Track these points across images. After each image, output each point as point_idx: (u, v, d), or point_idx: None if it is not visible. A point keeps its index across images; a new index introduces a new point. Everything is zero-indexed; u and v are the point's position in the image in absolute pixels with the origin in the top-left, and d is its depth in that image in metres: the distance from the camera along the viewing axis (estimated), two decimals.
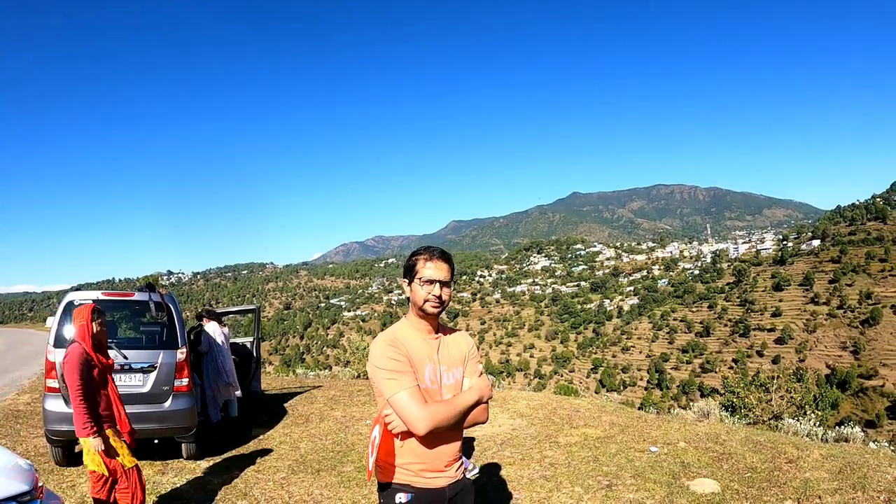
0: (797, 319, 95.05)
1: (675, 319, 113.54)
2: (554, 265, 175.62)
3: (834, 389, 68.44)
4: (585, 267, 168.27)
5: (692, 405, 8.22)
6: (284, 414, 8.03)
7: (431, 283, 2.00)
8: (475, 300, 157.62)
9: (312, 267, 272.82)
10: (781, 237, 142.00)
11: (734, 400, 9.46)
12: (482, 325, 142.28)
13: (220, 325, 7.26)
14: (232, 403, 7.28)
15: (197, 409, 5.77)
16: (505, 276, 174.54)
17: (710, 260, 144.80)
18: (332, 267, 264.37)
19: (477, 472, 5.14)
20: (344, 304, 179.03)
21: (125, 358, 5.27)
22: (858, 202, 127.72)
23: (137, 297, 5.57)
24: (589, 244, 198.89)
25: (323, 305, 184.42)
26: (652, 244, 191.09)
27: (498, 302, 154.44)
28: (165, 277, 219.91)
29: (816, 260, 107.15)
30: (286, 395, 9.62)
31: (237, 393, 7.20)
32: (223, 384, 6.98)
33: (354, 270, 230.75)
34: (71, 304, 5.47)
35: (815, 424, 6.95)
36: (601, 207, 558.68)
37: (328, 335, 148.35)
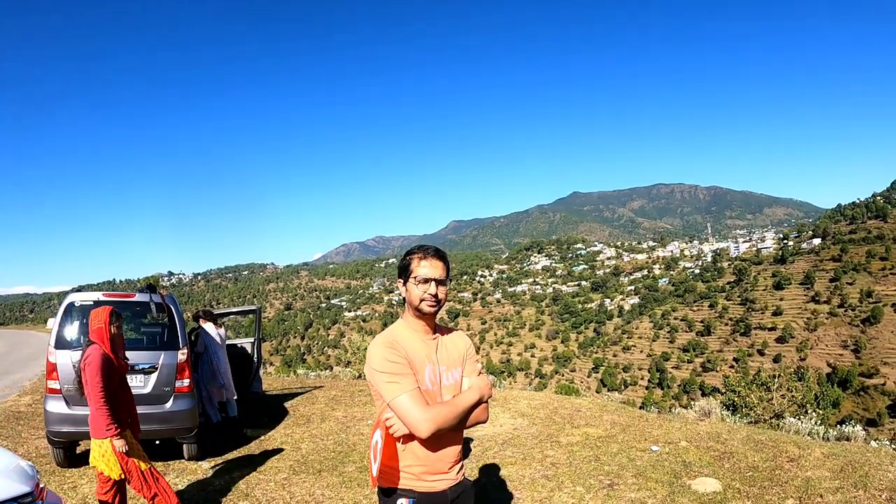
0: (798, 318, 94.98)
1: (675, 318, 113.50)
2: (554, 265, 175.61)
3: (835, 388, 68.36)
4: (586, 266, 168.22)
5: (693, 404, 8.22)
6: (286, 414, 8.03)
7: (427, 281, 1.97)
8: (476, 300, 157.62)
9: (313, 267, 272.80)
10: (782, 236, 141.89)
11: (735, 399, 9.45)
12: (483, 324, 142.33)
13: (216, 325, 7.23)
14: (231, 404, 7.27)
15: (198, 409, 5.78)
16: (505, 275, 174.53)
17: (710, 259, 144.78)
18: (332, 267, 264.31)
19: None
20: (345, 304, 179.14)
21: (125, 359, 5.27)
22: (859, 200, 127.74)
23: (138, 298, 5.58)
24: (589, 244, 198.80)
25: (324, 306, 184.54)
26: (652, 243, 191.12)
27: (499, 302, 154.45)
28: (166, 278, 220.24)
29: (817, 258, 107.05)
30: (287, 395, 9.61)
31: (233, 396, 7.18)
32: (217, 386, 6.97)
33: (355, 271, 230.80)
34: (72, 305, 5.47)
35: (816, 423, 6.95)
36: (602, 207, 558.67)
37: (329, 335, 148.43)
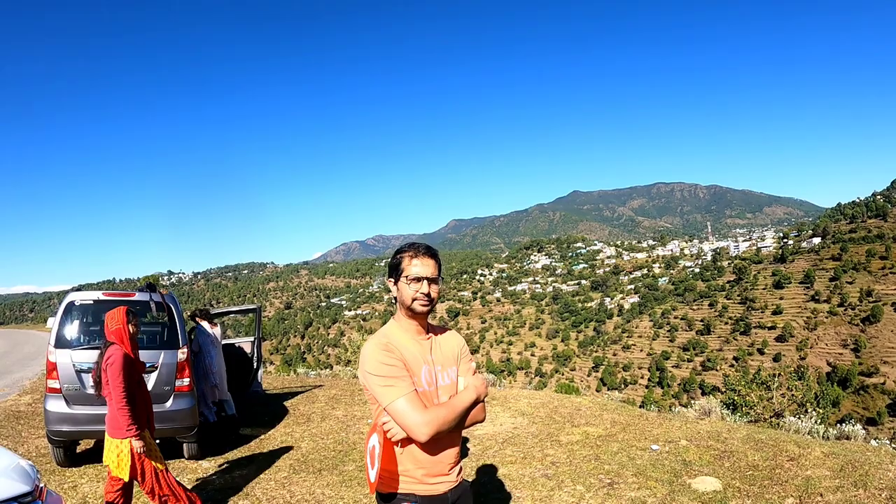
0: (798, 317, 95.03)
1: (675, 317, 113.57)
2: (554, 264, 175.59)
3: (835, 387, 68.48)
4: (586, 265, 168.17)
5: (693, 403, 8.22)
6: (286, 413, 8.03)
7: (419, 280, 1.92)
8: (476, 299, 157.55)
9: (313, 266, 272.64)
10: (782, 235, 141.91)
11: (735, 398, 9.44)
12: (483, 323, 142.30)
13: (210, 324, 7.18)
14: (228, 402, 7.26)
15: (198, 409, 5.78)
16: (505, 274, 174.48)
17: (710, 258, 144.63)
18: (332, 266, 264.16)
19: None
20: (345, 303, 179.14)
21: None
22: (859, 200, 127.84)
23: (138, 297, 5.57)
24: (589, 242, 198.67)
25: (324, 305, 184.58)
26: (652, 242, 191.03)
27: (499, 301, 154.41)
28: (166, 277, 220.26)
29: (817, 258, 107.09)
30: (287, 394, 9.61)
31: (225, 395, 7.14)
32: (209, 386, 6.94)
33: (355, 270, 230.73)
34: (72, 304, 5.47)
35: (816, 422, 6.95)
36: (601, 206, 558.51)
37: (329, 334, 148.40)
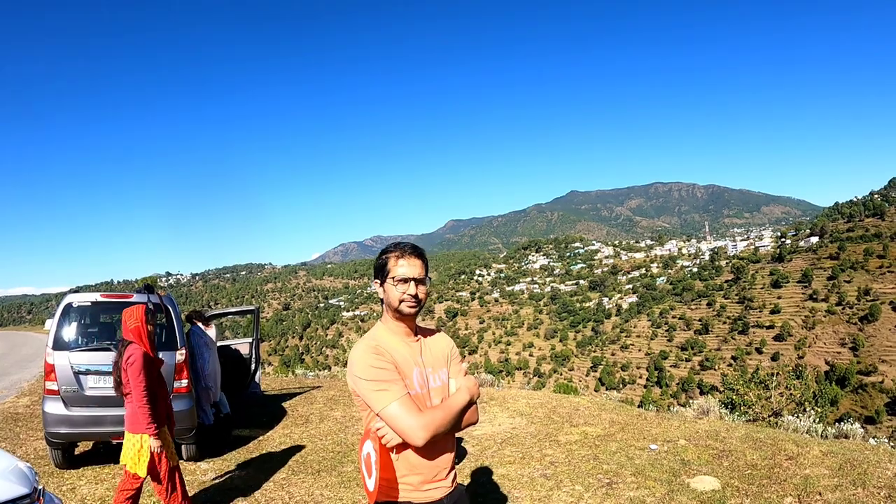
0: (796, 316, 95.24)
1: (673, 317, 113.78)
2: (552, 264, 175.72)
3: (833, 386, 68.64)
4: (584, 265, 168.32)
5: (692, 403, 8.23)
6: (284, 414, 8.02)
7: (405, 281, 1.88)
8: (474, 299, 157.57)
9: (311, 267, 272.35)
10: (780, 234, 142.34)
11: (733, 397, 9.45)
12: (481, 324, 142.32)
13: (205, 326, 7.10)
14: (222, 402, 7.25)
15: (195, 410, 5.77)
16: (503, 274, 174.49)
17: (708, 257, 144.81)
18: (330, 267, 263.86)
19: None
20: (343, 304, 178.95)
21: None
22: (856, 199, 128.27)
23: (136, 298, 5.56)
24: (587, 242, 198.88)
25: (322, 306, 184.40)
26: (650, 242, 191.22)
27: (497, 301, 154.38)
28: (164, 279, 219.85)
29: (815, 257, 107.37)
30: (285, 395, 9.60)
31: (216, 398, 7.11)
32: (201, 388, 6.91)
33: (353, 270, 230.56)
34: (70, 305, 5.46)
35: (814, 421, 6.96)
36: (599, 206, 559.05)
37: (327, 335, 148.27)
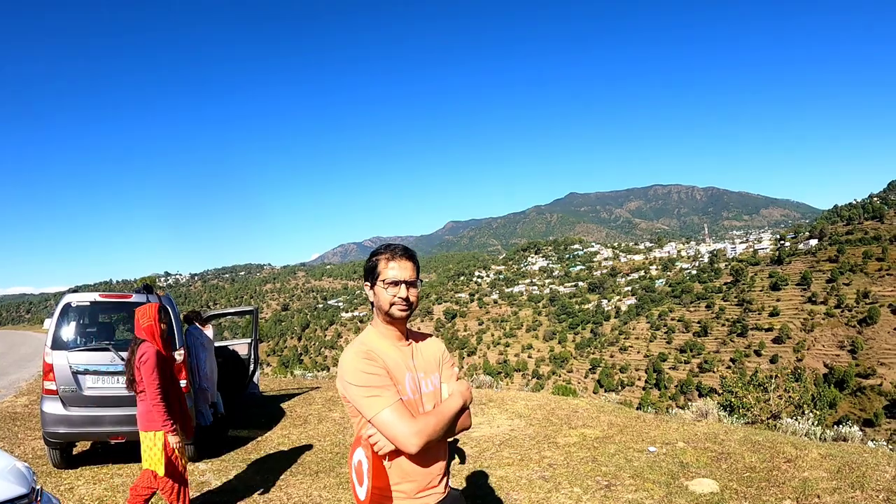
0: (795, 319, 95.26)
1: (672, 319, 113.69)
2: (552, 265, 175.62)
3: (832, 389, 68.66)
4: (583, 267, 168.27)
5: (690, 405, 8.23)
6: (282, 415, 8.02)
7: (396, 284, 1.83)
8: (473, 301, 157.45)
9: (310, 268, 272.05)
10: (779, 237, 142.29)
11: (732, 399, 9.44)
12: (480, 325, 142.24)
13: (202, 326, 7.08)
14: (217, 403, 7.24)
15: (193, 410, 5.76)
16: (503, 276, 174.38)
17: (707, 260, 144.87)
18: (329, 268, 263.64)
19: None
20: (342, 304, 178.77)
21: (123, 360, 5.26)
22: (856, 202, 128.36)
23: (135, 298, 5.56)
24: (586, 244, 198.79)
25: (321, 306, 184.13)
26: (649, 244, 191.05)
27: (496, 302, 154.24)
28: (163, 279, 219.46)
29: (814, 259, 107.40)
30: (284, 396, 9.60)
31: (212, 399, 7.11)
32: (198, 389, 6.89)
33: (352, 271, 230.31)
34: (69, 305, 5.45)
35: (813, 424, 6.96)
36: (598, 208, 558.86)
37: (326, 336, 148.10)
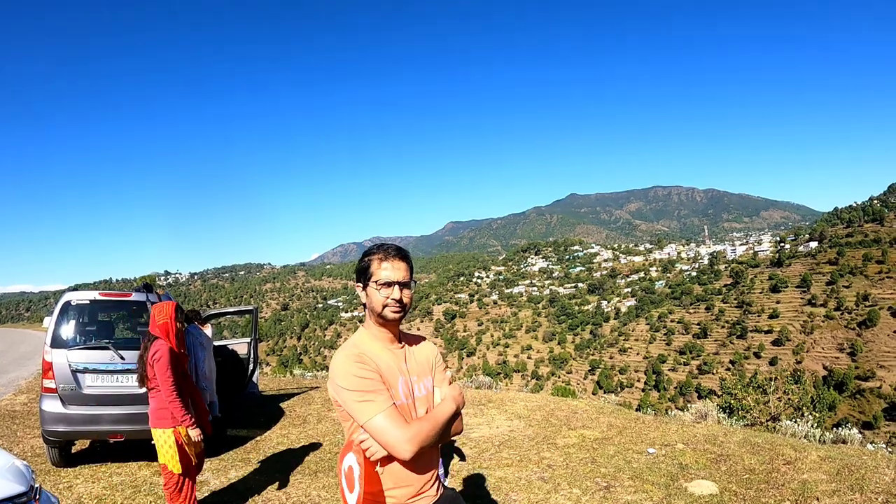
0: (794, 321, 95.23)
1: (672, 321, 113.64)
2: (551, 266, 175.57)
3: (831, 391, 68.66)
4: (583, 268, 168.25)
5: (690, 407, 8.22)
6: (282, 415, 8.01)
7: (389, 285, 1.77)
8: (473, 301, 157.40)
9: (310, 268, 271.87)
10: (779, 239, 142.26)
11: (732, 401, 9.44)
12: (480, 326, 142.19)
13: (201, 325, 7.10)
14: (214, 404, 7.24)
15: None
16: (502, 277, 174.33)
17: (707, 261, 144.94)
18: (329, 268, 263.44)
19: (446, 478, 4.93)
20: (341, 304, 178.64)
21: (122, 359, 5.26)
22: (855, 204, 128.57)
23: (135, 297, 5.56)
24: (586, 245, 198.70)
25: (320, 306, 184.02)
26: (649, 246, 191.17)
27: (495, 303, 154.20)
28: (163, 278, 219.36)
29: (814, 262, 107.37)
30: (283, 396, 9.59)
31: (212, 398, 7.10)
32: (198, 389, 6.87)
33: (352, 271, 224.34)
34: (68, 303, 5.45)
35: (812, 426, 6.96)
36: (599, 209, 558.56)
37: (325, 336, 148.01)
